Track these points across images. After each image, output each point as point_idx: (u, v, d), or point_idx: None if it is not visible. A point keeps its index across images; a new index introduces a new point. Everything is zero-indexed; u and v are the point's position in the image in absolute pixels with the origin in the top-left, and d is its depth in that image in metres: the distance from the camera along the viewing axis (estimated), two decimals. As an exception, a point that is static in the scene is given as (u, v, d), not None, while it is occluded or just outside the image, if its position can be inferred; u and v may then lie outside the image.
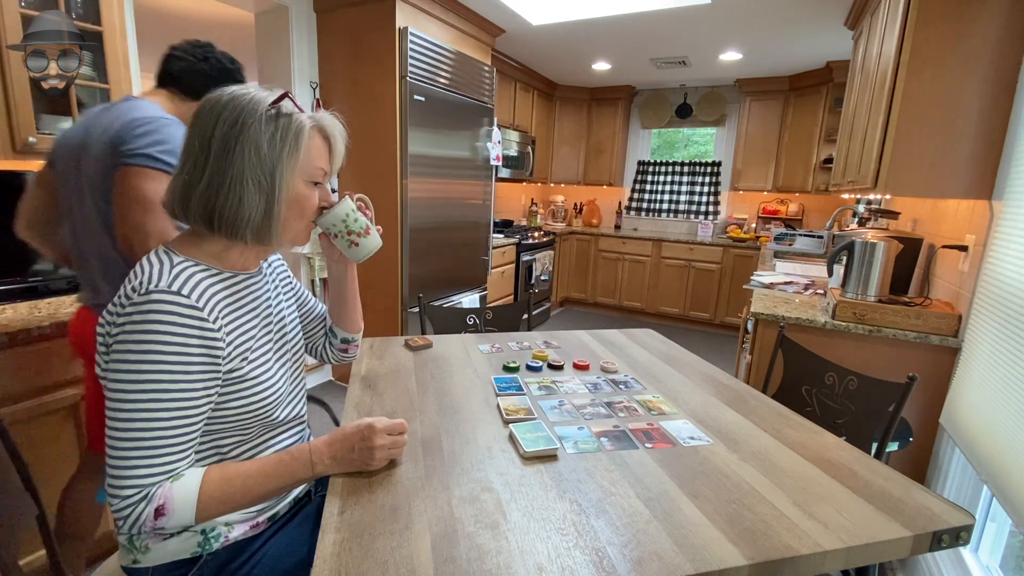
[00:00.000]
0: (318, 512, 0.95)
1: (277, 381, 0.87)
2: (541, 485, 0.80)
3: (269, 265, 0.97)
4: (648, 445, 0.94)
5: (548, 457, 0.88)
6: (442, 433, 0.95)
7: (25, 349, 1.36)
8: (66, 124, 1.63)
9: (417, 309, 2.82)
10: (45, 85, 1.55)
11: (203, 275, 0.77)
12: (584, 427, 0.99)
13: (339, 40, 2.73)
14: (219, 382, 0.76)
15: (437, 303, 2.95)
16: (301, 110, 0.82)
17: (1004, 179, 1.48)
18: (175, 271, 0.74)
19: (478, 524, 0.70)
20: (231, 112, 0.76)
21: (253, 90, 0.79)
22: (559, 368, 1.31)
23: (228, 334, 0.78)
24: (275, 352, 0.89)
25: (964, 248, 1.63)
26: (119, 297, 0.73)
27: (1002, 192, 1.48)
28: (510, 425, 0.97)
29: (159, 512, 0.69)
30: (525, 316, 1.96)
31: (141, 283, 0.72)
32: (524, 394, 1.14)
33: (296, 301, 1.04)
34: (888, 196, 2.30)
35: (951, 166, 1.58)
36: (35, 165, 1.64)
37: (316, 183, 0.85)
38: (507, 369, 1.28)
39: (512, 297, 4.14)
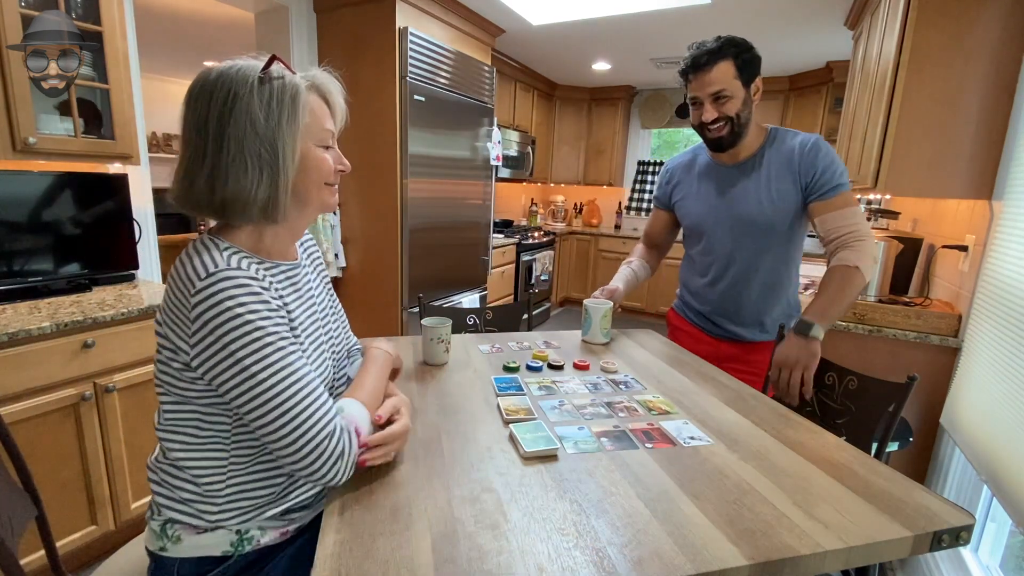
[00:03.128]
0: None
1: (325, 372, 0.86)
2: (541, 485, 0.80)
3: (304, 250, 0.95)
4: (648, 445, 0.94)
5: (548, 457, 0.88)
6: (442, 433, 0.95)
7: (25, 349, 1.36)
8: (66, 124, 1.63)
9: (417, 309, 2.82)
10: (45, 85, 1.55)
11: (250, 260, 0.75)
12: (584, 427, 0.99)
13: (339, 40, 2.73)
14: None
15: (437, 303, 2.95)
16: (292, 71, 0.78)
17: (1004, 179, 1.48)
18: (227, 254, 0.71)
19: (478, 524, 0.70)
20: (221, 89, 0.72)
21: (240, 62, 0.74)
22: (559, 368, 1.31)
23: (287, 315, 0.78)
24: (323, 343, 0.88)
25: (964, 248, 1.63)
26: (177, 292, 0.69)
27: (1002, 192, 1.48)
28: (510, 425, 0.97)
29: (358, 434, 0.75)
30: (525, 316, 1.96)
31: (196, 268, 0.69)
32: (524, 394, 1.14)
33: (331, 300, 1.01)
34: (888, 196, 2.30)
35: (951, 166, 1.58)
36: (35, 165, 1.64)
37: (327, 147, 0.81)
38: (507, 369, 1.28)
39: (512, 297, 4.14)
